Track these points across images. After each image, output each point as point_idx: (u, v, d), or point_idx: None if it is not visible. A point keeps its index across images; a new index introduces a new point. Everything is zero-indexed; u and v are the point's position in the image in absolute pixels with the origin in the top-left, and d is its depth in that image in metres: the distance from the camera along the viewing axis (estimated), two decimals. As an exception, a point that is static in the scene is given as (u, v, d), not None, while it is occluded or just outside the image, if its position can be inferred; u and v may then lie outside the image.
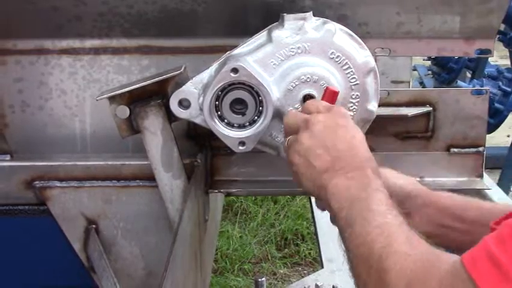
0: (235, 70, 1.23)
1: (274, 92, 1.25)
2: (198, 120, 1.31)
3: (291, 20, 1.27)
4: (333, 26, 1.28)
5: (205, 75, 1.30)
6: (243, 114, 1.27)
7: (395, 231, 0.83)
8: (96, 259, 1.49)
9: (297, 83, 1.25)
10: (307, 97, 1.25)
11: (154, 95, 1.36)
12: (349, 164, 0.97)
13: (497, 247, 0.67)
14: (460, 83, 5.10)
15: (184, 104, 1.31)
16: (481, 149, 1.57)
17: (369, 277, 0.80)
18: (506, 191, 3.56)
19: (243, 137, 1.28)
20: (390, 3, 1.43)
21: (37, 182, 1.48)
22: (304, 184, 1.02)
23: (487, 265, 0.67)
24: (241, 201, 4.62)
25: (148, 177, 1.45)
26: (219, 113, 1.27)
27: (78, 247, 1.52)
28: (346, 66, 1.27)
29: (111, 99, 1.35)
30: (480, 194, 1.53)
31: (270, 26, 1.30)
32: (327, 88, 1.18)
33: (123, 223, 1.52)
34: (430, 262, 0.75)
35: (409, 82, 2.89)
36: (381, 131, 1.51)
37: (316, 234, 2.56)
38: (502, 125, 4.33)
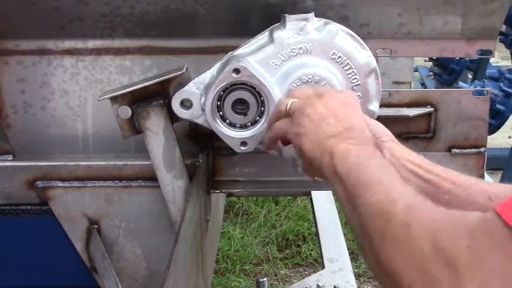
0: (237, 70, 1.24)
1: (276, 92, 1.26)
2: (199, 121, 1.31)
3: (292, 21, 1.27)
4: (335, 27, 1.28)
5: (207, 76, 1.31)
6: (245, 114, 1.28)
7: (417, 196, 0.78)
8: (98, 259, 1.49)
9: (298, 84, 1.26)
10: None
11: (156, 95, 1.36)
12: (360, 138, 0.95)
13: None
14: (461, 84, 5.10)
15: (186, 104, 1.32)
16: (482, 149, 1.57)
17: (388, 231, 0.74)
18: (508, 192, 3.54)
19: (244, 137, 1.28)
20: (392, 4, 1.43)
21: (39, 182, 1.49)
22: (306, 146, 0.99)
23: None
24: (243, 202, 4.62)
25: (150, 178, 1.46)
26: (220, 113, 1.28)
27: (80, 247, 1.52)
28: (348, 67, 1.27)
29: (113, 99, 1.36)
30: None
31: (272, 27, 1.30)
32: None
33: (125, 223, 1.52)
34: (457, 215, 0.71)
35: (410, 83, 2.90)
36: (382, 132, 1.52)
37: (317, 235, 2.56)
38: (504, 126, 4.33)
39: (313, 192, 2.50)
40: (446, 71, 5.88)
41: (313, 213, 2.68)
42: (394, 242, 0.73)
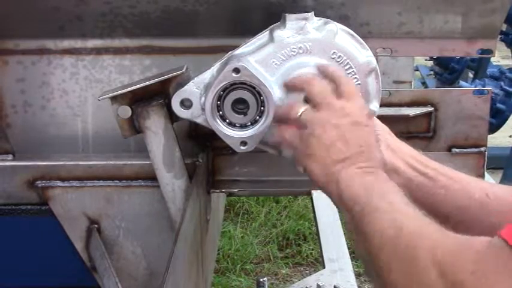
0: (236, 70, 1.23)
1: (276, 91, 1.26)
2: (199, 120, 1.31)
3: (292, 20, 1.27)
4: (335, 26, 1.28)
5: (207, 75, 1.31)
6: (245, 114, 1.28)
7: (424, 221, 0.80)
8: (98, 259, 1.49)
9: (298, 83, 1.25)
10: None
11: (156, 95, 1.36)
12: (367, 161, 0.96)
13: None
14: (462, 83, 5.10)
15: (186, 104, 1.32)
16: (482, 149, 1.57)
17: (395, 258, 0.76)
18: (508, 192, 3.54)
19: (244, 136, 1.28)
20: (392, 3, 1.43)
21: (39, 182, 1.49)
22: (314, 170, 1.00)
23: None
24: (243, 202, 4.62)
25: (150, 177, 1.45)
26: (220, 112, 1.27)
27: (80, 247, 1.52)
28: (348, 66, 1.27)
29: (113, 99, 1.36)
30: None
31: (272, 26, 1.30)
32: None
33: (125, 223, 1.52)
34: (462, 240, 0.72)
35: (411, 82, 2.89)
36: (382, 131, 1.51)
37: (318, 234, 2.56)
38: (504, 125, 4.33)
39: (313, 192, 2.49)
40: (447, 70, 5.88)
41: (314, 212, 2.68)
42: (400, 268, 0.74)
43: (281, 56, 1.27)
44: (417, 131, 1.56)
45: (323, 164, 0.98)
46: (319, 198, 2.73)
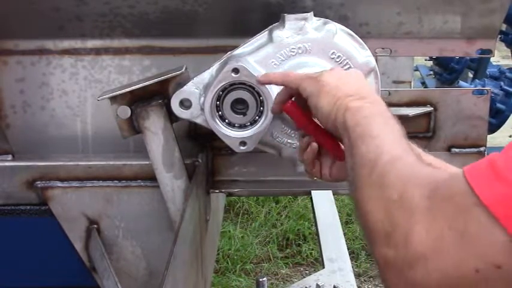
0: (236, 70, 1.24)
1: (275, 92, 1.25)
2: (199, 120, 1.31)
3: (291, 20, 1.27)
4: (334, 26, 1.28)
5: (206, 76, 1.31)
6: (244, 114, 1.28)
7: (407, 151, 0.85)
8: (98, 259, 1.49)
9: (298, 83, 1.25)
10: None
11: (156, 95, 1.36)
12: (373, 101, 1.00)
13: (499, 156, 0.69)
14: (461, 83, 5.09)
15: (185, 104, 1.32)
16: (482, 149, 1.57)
17: (369, 178, 0.82)
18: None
19: (244, 137, 1.28)
20: (391, 3, 1.43)
21: (39, 182, 1.49)
22: (322, 102, 1.03)
23: (484, 169, 0.68)
24: (243, 202, 4.62)
25: (150, 177, 1.46)
26: (220, 113, 1.27)
27: (79, 247, 1.52)
28: (347, 67, 1.27)
29: (113, 99, 1.36)
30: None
31: (271, 26, 1.30)
32: None
33: (124, 223, 1.52)
34: (431, 170, 0.79)
35: (410, 82, 2.89)
36: (381, 131, 1.51)
37: (317, 234, 2.56)
38: (504, 125, 4.33)
39: (313, 192, 2.50)
40: (447, 70, 5.88)
41: (313, 213, 2.68)
42: (371, 187, 0.81)
43: (280, 56, 1.27)
44: (417, 131, 1.56)
45: (334, 96, 1.02)
46: (319, 198, 2.73)
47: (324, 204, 2.71)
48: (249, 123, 1.28)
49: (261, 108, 1.26)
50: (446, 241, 0.68)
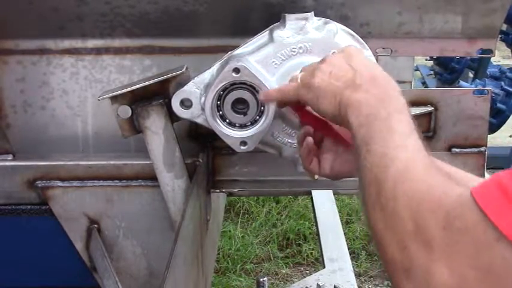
0: (236, 70, 1.23)
1: (276, 91, 1.25)
2: (199, 120, 1.31)
3: (292, 20, 1.27)
4: (335, 26, 1.28)
5: (207, 75, 1.31)
6: (245, 114, 1.28)
7: (413, 157, 0.80)
8: (98, 259, 1.49)
9: (298, 83, 1.25)
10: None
11: (156, 95, 1.36)
12: (368, 82, 0.94)
13: (507, 177, 0.65)
14: (462, 83, 5.10)
15: (186, 103, 1.32)
16: (482, 149, 1.57)
17: (378, 200, 0.77)
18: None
19: (244, 136, 1.28)
20: (391, 3, 1.43)
21: (39, 182, 1.49)
22: (324, 106, 0.99)
23: (495, 193, 0.65)
24: (243, 202, 4.62)
25: (150, 177, 1.45)
26: (220, 112, 1.27)
27: (80, 247, 1.52)
28: (348, 66, 1.27)
29: (113, 99, 1.36)
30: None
31: (272, 26, 1.30)
32: None
33: (125, 223, 1.52)
34: (440, 191, 0.73)
35: (410, 82, 2.89)
36: (382, 131, 1.51)
37: (318, 234, 2.57)
38: (505, 125, 4.33)
39: (313, 192, 2.50)
40: (447, 70, 5.88)
41: (314, 212, 2.68)
42: (382, 213, 0.76)
43: (281, 56, 1.27)
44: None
45: (332, 94, 0.97)
46: (319, 198, 2.73)
47: (325, 204, 2.71)
48: (249, 123, 1.28)
49: (262, 108, 1.26)
50: (470, 281, 0.65)
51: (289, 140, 1.31)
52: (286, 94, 1.12)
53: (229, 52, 1.31)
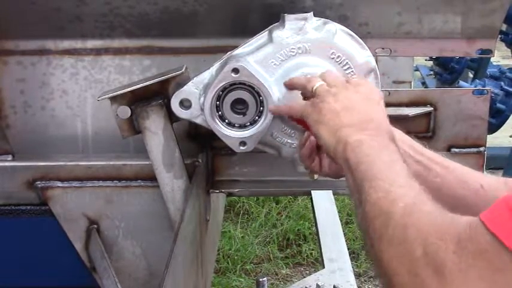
0: (236, 70, 1.24)
1: (275, 92, 1.26)
2: (199, 120, 1.31)
3: (291, 21, 1.27)
4: (334, 26, 1.28)
5: (206, 76, 1.31)
6: (244, 114, 1.28)
7: (419, 195, 0.80)
8: (98, 259, 1.49)
9: (297, 83, 1.25)
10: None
11: (156, 95, 1.36)
12: (376, 129, 0.96)
13: None
14: (462, 83, 5.09)
15: (185, 104, 1.32)
16: (481, 149, 1.57)
17: (386, 231, 0.77)
18: (508, 191, 3.53)
19: (243, 137, 1.28)
20: (391, 3, 1.43)
21: (39, 182, 1.49)
22: (323, 133, 1.01)
23: (505, 215, 0.65)
24: (243, 202, 4.62)
25: (150, 177, 1.46)
26: (219, 113, 1.27)
27: (79, 247, 1.52)
28: (347, 67, 1.27)
29: (113, 99, 1.36)
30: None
31: (271, 27, 1.30)
32: None
33: (124, 223, 1.52)
34: (448, 219, 0.73)
35: (410, 82, 2.89)
36: (381, 131, 1.51)
37: (317, 234, 2.56)
38: (505, 125, 4.33)
39: (313, 192, 2.50)
40: (447, 70, 5.87)
41: (314, 212, 2.68)
42: (390, 243, 0.76)
43: (280, 56, 1.27)
44: (417, 131, 1.55)
45: (333, 127, 0.99)
46: (320, 198, 2.73)
47: (324, 204, 2.71)
48: (248, 123, 1.28)
49: (261, 108, 1.26)
50: None
51: (288, 140, 1.31)
52: (293, 111, 1.14)
53: (229, 52, 1.31)
